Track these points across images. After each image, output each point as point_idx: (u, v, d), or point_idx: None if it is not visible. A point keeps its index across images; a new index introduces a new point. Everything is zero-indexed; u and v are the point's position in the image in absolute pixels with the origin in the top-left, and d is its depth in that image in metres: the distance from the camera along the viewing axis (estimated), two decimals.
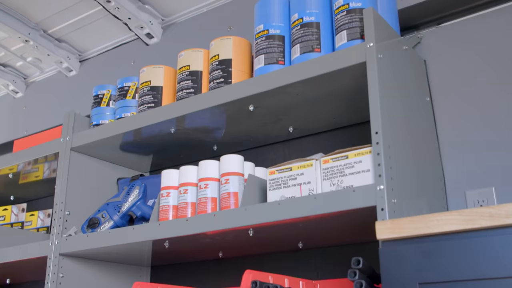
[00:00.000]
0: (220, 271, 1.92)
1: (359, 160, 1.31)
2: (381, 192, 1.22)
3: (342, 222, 1.39)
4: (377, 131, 1.26)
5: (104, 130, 1.88)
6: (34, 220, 2.46)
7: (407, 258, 1.06)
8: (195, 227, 1.52)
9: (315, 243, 1.66)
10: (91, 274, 1.91)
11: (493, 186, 1.48)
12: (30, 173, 2.30)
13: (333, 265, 1.67)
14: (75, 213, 1.92)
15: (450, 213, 1.04)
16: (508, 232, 0.97)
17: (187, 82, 1.75)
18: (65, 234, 1.86)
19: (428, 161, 1.50)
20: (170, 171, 1.70)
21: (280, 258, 1.78)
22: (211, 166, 1.61)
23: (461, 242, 1.01)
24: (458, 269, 1.00)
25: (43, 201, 2.55)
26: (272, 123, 1.75)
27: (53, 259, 1.82)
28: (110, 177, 2.09)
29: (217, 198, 1.58)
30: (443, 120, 1.60)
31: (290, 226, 1.44)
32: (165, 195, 1.67)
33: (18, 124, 2.88)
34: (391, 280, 1.07)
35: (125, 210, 1.86)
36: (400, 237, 1.09)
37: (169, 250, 1.76)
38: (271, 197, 1.45)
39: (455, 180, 1.53)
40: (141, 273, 2.08)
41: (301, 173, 1.40)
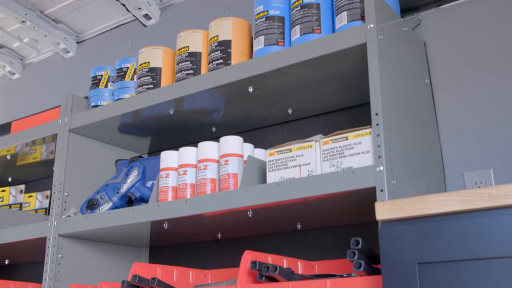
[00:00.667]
0: (218, 252, 1.93)
1: (359, 141, 1.32)
2: (381, 173, 1.22)
3: (341, 203, 1.40)
4: (377, 113, 1.27)
5: (103, 112, 1.87)
6: (32, 202, 2.46)
7: (406, 239, 1.07)
8: (194, 208, 1.53)
9: (313, 224, 1.67)
10: (90, 255, 1.92)
11: (491, 168, 1.48)
12: (27, 155, 2.30)
13: (331, 247, 1.68)
14: (74, 194, 1.92)
15: (449, 194, 1.05)
16: (507, 212, 0.98)
17: (186, 64, 1.74)
18: (64, 215, 1.86)
19: (427, 142, 1.51)
20: (169, 152, 1.70)
21: (279, 239, 1.79)
22: (211, 147, 1.61)
23: (460, 223, 1.02)
24: (457, 249, 1.00)
25: (41, 183, 2.55)
26: (271, 104, 1.75)
27: (53, 240, 1.83)
28: (108, 159, 2.09)
29: (217, 179, 1.58)
30: (442, 102, 1.60)
31: (289, 207, 1.45)
32: (164, 176, 1.67)
33: (15, 105, 2.87)
34: (390, 260, 1.08)
35: (124, 191, 1.86)
36: (399, 217, 1.10)
37: (168, 231, 1.76)
38: (270, 178, 1.45)
39: (453, 162, 1.54)
40: (140, 254, 2.10)
41: (301, 154, 1.40)
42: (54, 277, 1.79)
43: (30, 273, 2.43)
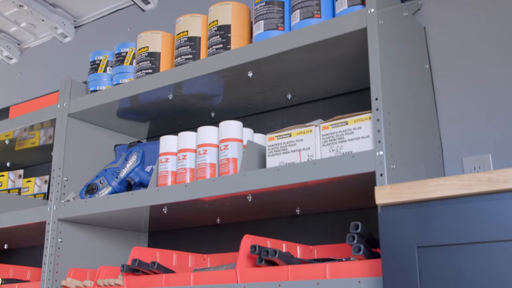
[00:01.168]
0: (217, 237, 1.94)
1: (359, 126, 1.32)
2: (381, 158, 1.23)
3: (340, 188, 1.41)
4: (377, 97, 1.27)
5: (102, 96, 1.87)
6: (31, 187, 2.47)
7: (406, 222, 1.08)
8: (194, 192, 1.53)
9: (312, 209, 1.68)
10: (89, 239, 1.93)
11: (490, 153, 1.49)
12: (26, 140, 2.30)
13: (330, 231, 1.69)
14: (73, 179, 1.92)
15: (449, 178, 1.05)
16: (506, 196, 0.98)
17: (185, 48, 1.73)
18: (63, 199, 1.87)
19: (426, 128, 1.51)
20: (168, 137, 1.70)
21: (278, 224, 1.80)
22: (210, 132, 1.61)
23: (460, 207, 1.03)
24: (456, 233, 1.01)
25: (40, 168, 2.55)
26: (271, 89, 1.74)
27: (52, 224, 1.83)
28: (107, 144, 2.09)
29: (216, 164, 1.59)
30: (442, 87, 1.60)
31: (288, 192, 1.46)
32: (163, 161, 1.68)
33: (13, 90, 2.86)
34: (389, 243, 1.09)
35: (123, 176, 1.86)
36: (399, 202, 1.10)
37: (167, 215, 1.77)
38: (270, 163, 1.45)
39: (452, 147, 1.55)
40: (139, 239, 2.10)
41: (301, 139, 1.41)
42: (54, 261, 1.79)
43: (29, 258, 2.44)
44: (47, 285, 1.77)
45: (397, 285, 1.06)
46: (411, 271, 1.05)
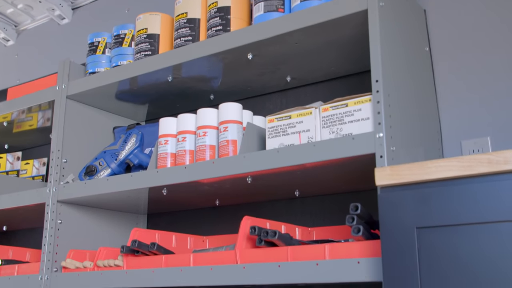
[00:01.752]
0: (216, 219, 1.95)
1: (359, 108, 1.32)
2: (380, 139, 1.23)
3: (340, 170, 1.41)
4: (378, 79, 1.27)
5: (100, 78, 1.86)
6: (29, 169, 2.47)
7: (406, 204, 1.08)
8: (193, 174, 1.54)
9: (311, 191, 1.69)
10: (89, 221, 1.93)
11: (489, 135, 1.50)
12: (24, 122, 2.30)
13: (328, 213, 1.70)
14: (72, 161, 1.93)
15: (449, 159, 1.06)
16: (506, 178, 0.99)
17: (185, 30, 1.73)
18: (62, 181, 1.87)
19: (425, 110, 1.51)
20: (168, 119, 1.70)
21: (276, 206, 1.81)
22: (210, 114, 1.61)
23: (459, 188, 1.03)
24: (456, 214, 1.02)
25: (38, 150, 2.55)
26: (270, 72, 1.74)
27: (51, 205, 1.84)
28: (106, 126, 2.09)
29: (216, 146, 1.59)
30: (441, 70, 1.61)
31: (288, 174, 1.46)
32: (163, 143, 1.68)
33: (10, 72, 2.85)
34: (389, 224, 1.10)
35: (122, 158, 1.87)
36: (398, 183, 1.11)
37: (166, 197, 1.78)
38: (270, 144, 1.46)
39: (451, 130, 1.55)
40: (138, 221, 2.11)
41: (300, 121, 1.41)
42: (53, 242, 1.80)
43: (28, 239, 2.45)
44: (47, 266, 1.78)
45: (396, 266, 1.07)
46: (410, 251, 1.06)
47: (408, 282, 1.05)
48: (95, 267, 1.70)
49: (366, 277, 1.17)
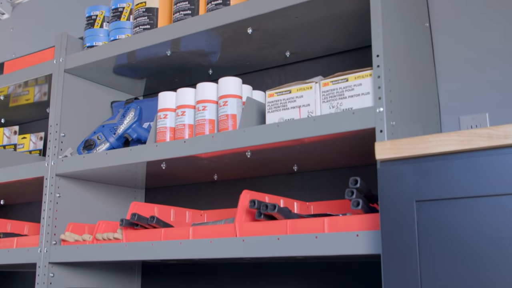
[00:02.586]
0: (214, 194, 1.96)
1: (359, 83, 1.33)
2: (381, 114, 1.24)
3: (339, 145, 1.42)
4: (378, 54, 1.27)
5: (99, 52, 1.86)
6: (26, 143, 2.46)
7: (405, 177, 1.09)
8: (193, 148, 1.54)
9: (309, 166, 1.69)
10: (87, 195, 1.94)
11: (487, 111, 1.50)
12: (20, 96, 2.29)
13: (326, 188, 1.71)
14: (70, 135, 1.92)
15: (449, 134, 1.06)
16: (505, 152, 1.00)
17: (184, 3, 1.72)
18: (61, 155, 1.87)
19: (424, 86, 1.52)
20: (167, 93, 1.70)
21: (274, 181, 1.82)
22: (209, 88, 1.61)
23: (459, 162, 1.04)
24: (455, 187, 1.03)
25: (35, 124, 2.55)
26: (270, 47, 1.74)
27: (50, 179, 1.84)
28: (103, 100, 2.09)
29: (215, 120, 1.59)
30: (441, 46, 1.61)
31: (287, 148, 1.47)
32: (162, 117, 1.68)
33: (5, 46, 2.82)
34: (388, 198, 1.11)
35: (121, 132, 1.87)
36: (398, 157, 1.12)
37: (165, 172, 1.78)
38: (269, 119, 1.46)
39: (449, 106, 1.56)
40: (136, 195, 2.12)
41: (300, 95, 1.41)
42: (52, 216, 1.81)
43: (25, 213, 2.46)
44: (46, 239, 1.79)
45: (395, 238, 1.08)
46: (409, 224, 1.07)
47: (407, 255, 1.06)
48: (94, 240, 1.71)
49: (365, 250, 1.18)
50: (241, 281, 1.81)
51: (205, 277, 1.90)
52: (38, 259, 1.78)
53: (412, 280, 1.05)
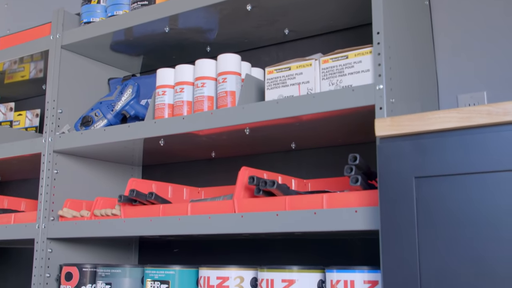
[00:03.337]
0: (211, 171, 1.96)
1: (359, 60, 1.33)
2: (380, 91, 1.24)
3: (339, 122, 1.42)
4: (379, 31, 1.27)
5: (96, 28, 1.84)
6: (22, 120, 2.45)
7: (405, 154, 1.10)
8: (191, 125, 1.54)
9: (307, 144, 1.70)
10: (84, 171, 1.94)
11: (485, 90, 1.51)
12: (15, 73, 2.27)
13: (323, 166, 1.72)
14: (67, 111, 1.92)
15: (449, 111, 1.07)
16: (505, 129, 1.01)
17: None
18: (58, 132, 1.87)
19: (423, 64, 1.52)
20: (166, 69, 1.69)
21: (272, 159, 1.83)
22: (208, 65, 1.60)
23: (458, 139, 1.05)
24: (454, 164, 1.04)
25: (31, 101, 2.54)
26: (269, 24, 1.73)
27: (47, 155, 1.84)
28: (100, 77, 2.08)
29: (214, 97, 1.59)
30: (440, 24, 1.61)
31: (286, 126, 1.47)
32: (160, 94, 1.67)
33: (0, 22, 2.79)
34: (387, 174, 1.12)
35: (118, 109, 1.86)
36: (398, 134, 1.13)
37: (162, 149, 1.78)
38: (269, 96, 1.46)
39: (448, 84, 1.57)
40: (133, 172, 2.12)
41: (300, 72, 1.41)
42: (50, 192, 1.81)
43: (21, 190, 2.46)
44: (44, 214, 1.79)
45: (394, 214, 1.09)
46: (408, 200, 1.08)
47: (405, 231, 1.08)
48: (92, 216, 1.72)
49: (364, 226, 1.20)
50: (239, 257, 1.83)
51: (201, 253, 1.91)
52: (36, 234, 1.79)
53: (410, 256, 1.06)
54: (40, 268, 1.76)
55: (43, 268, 1.76)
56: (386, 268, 1.09)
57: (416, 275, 1.05)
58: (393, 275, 1.08)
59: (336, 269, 1.28)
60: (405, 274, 1.06)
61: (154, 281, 1.52)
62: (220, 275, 1.42)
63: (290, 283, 1.32)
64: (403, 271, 1.07)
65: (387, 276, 1.08)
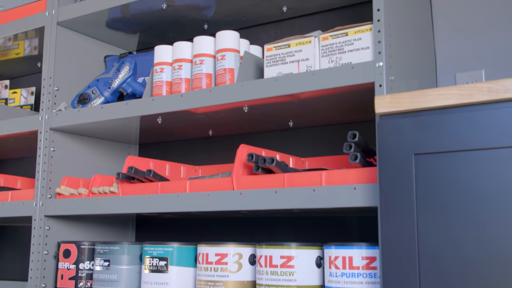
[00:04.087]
0: (208, 149, 1.96)
1: (359, 37, 1.32)
2: (380, 69, 1.24)
3: (337, 100, 1.42)
4: (379, 8, 1.26)
5: (92, 4, 1.82)
6: (17, 98, 2.44)
7: (404, 131, 1.11)
8: (190, 102, 1.54)
9: (305, 122, 1.70)
10: (81, 149, 1.94)
11: (483, 68, 1.52)
12: (10, 50, 2.25)
13: (321, 144, 1.73)
14: (64, 89, 1.91)
15: (449, 88, 1.07)
16: (505, 106, 1.01)
17: None
18: (54, 109, 1.86)
19: (422, 42, 1.52)
20: (163, 46, 1.68)
21: (269, 137, 1.83)
22: (207, 42, 1.59)
23: (458, 116, 1.06)
24: (454, 141, 1.05)
25: (26, 79, 2.52)
26: (267, 1, 1.72)
27: (44, 133, 1.83)
28: (96, 54, 2.06)
29: (212, 74, 1.59)
30: (439, 6, 1.60)
31: (285, 104, 1.47)
32: (158, 71, 1.67)
33: None
34: (387, 151, 1.12)
35: (115, 87, 1.85)
36: (398, 111, 1.13)
37: (160, 127, 1.78)
38: (268, 73, 1.46)
39: (446, 62, 1.57)
40: (130, 151, 2.12)
41: (299, 49, 1.41)
42: (47, 170, 1.81)
43: (17, 169, 2.45)
44: (41, 192, 1.79)
45: (393, 191, 1.10)
46: (408, 177, 1.09)
47: (404, 207, 1.08)
48: (90, 194, 1.72)
49: (362, 203, 1.21)
50: (237, 235, 1.84)
51: (199, 231, 1.92)
52: (34, 212, 1.79)
53: (409, 233, 1.07)
54: (38, 245, 1.77)
55: (41, 246, 1.76)
56: (385, 244, 1.09)
57: (415, 251, 1.06)
58: (392, 251, 1.09)
59: (335, 245, 1.29)
60: (403, 250, 1.07)
61: (152, 258, 1.53)
62: (219, 251, 1.43)
63: (289, 259, 1.34)
64: (402, 247, 1.08)
65: (385, 252, 1.09)
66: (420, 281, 1.05)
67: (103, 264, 1.63)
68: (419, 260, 1.06)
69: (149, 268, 1.53)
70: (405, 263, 1.07)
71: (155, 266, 1.52)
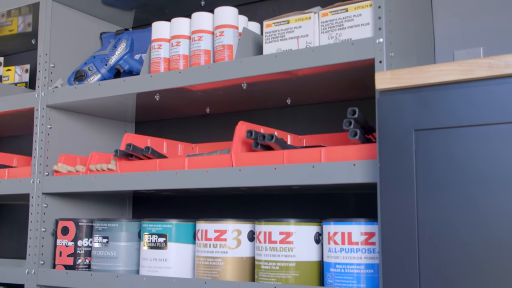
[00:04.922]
0: (205, 127, 1.96)
1: (359, 13, 1.32)
2: (380, 45, 1.24)
3: (337, 77, 1.42)
4: None
5: None
6: (11, 75, 2.42)
7: (405, 107, 1.11)
8: (188, 79, 1.53)
9: (303, 99, 1.70)
10: (77, 127, 1.93)
11: (482, 46, 1.51)
12: (3, 27, 2.22)
13: (319, 122, 1.73)
14: (60, 66, 1.89)
15: (450, 64, 1.07)
16: (505, 81, 1.02)
17: None
18: (51, 86, 1.85)
19: (421, 20, 1.52)
20: (161, 22, 1.67)
21: (267, 115, 1.83)
22: (205, 18, 1.58)
23: (459, 91, 1.06)
24: (454, 117, 1.05)
25: (20, 56, 2.49)
26: None
27: (41, 110, 1.82)
28: (92, 31, 2.05)
29: (211, 51, 1.58)
30: None
31: (283, 81, 1.47)
32: (156, 48, 1.65)
33: None
34: (387, 127, 1.12)
35: (112, 63, 1.84)
36: (398, 87, 1.13)
37: (156, 104, 1.77)
38: (267, 50, 1.45)
39: (444, 39, 1.57)
40: (126, 128, 2.12)
41: (299, 26, 1.40)
42: (44, 147, 1.80)
43: (12, 147, 2.44)
44: (39, 170, 1.79)
45: (393, 167, 1.11)
46: (408, 153, 1.09)
47: (404, 183, 1.09)
48: (88, 171, 1.72)
49: (362, 179, 1.21)
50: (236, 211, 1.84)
51: (198, 209, 1.93)
52: (31, 189, 1.79)
53: (408, 208, 1.08)
54: (36, 222, 1.77)
55: (39, 223, 1.76)
56: (384, 220, 1.10)
57: (414, 227, 1.07)
58: (391, 227, 1.10)
59: (333, 221, 1.30)
60: (402, 226, 1.08)
61: (151, 235, 1.54)
62: (218, 228, 1.44)
63: (288, 235, 1.34)
64: (401, 223, 1.09)
65: (385, 227, 1.10)
66: (419, 255, 1.06)
67: (101, 241, 1.63)
68: (418, 235, 1.07)
69: (148, 244, 1.54)
70: (404, 238, 1.08)
71: (154, 243, 1.53)
